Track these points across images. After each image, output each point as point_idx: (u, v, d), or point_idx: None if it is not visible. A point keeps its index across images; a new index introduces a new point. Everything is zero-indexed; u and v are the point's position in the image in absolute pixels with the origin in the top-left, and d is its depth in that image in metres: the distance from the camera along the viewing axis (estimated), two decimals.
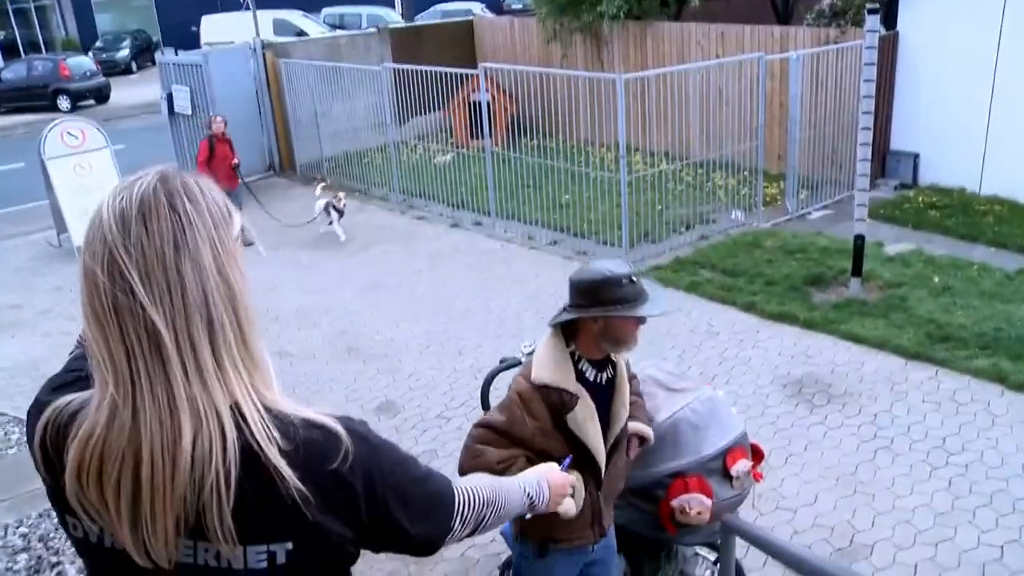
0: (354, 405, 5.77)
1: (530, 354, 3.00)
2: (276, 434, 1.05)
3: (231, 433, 1.03)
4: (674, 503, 2.82)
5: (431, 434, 5.20)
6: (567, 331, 2.47)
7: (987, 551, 3.80)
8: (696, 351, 6.14)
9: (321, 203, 9.30)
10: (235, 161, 9.37)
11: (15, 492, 4.65)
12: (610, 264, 2.40)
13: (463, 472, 2.45)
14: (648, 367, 3.15)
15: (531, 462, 2.37)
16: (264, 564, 1.08)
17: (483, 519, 1.42)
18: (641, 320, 2.38)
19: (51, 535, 4.26)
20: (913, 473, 4.44)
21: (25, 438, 5.20)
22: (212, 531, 1.03)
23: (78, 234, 10.68)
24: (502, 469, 2.39)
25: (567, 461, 2.06)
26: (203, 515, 1.03)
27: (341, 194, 9.44)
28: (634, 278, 2.35)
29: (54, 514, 1.22)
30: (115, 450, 1.04)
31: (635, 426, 2.67)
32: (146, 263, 1.01)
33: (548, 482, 1.67)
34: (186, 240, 1.02)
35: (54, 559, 4.06)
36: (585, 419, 2.40)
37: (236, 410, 1.04)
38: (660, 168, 9.31)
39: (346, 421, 1.13)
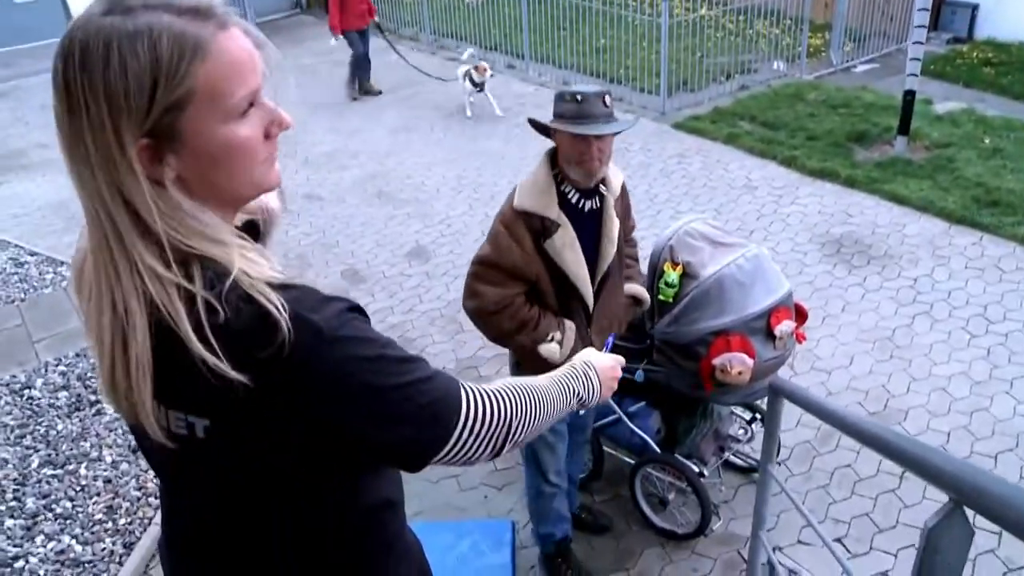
0: (384, 250, 5.80)
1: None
2: (203, 309, 0.95)
3: (137, 303, 0.96)
4: (715, 362, 2.81)
5: (462, 281, 5.17)
6: (554, 153, 2.45)
7: (1022, 422, 3.67)
8: (733, 206, 5.99)
9: (462, 69, 8.14)
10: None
11: (53, 331, 4.65)
12: (581, 85, 2.37)
13: (469, 314, 2.48)
14: (693, 220, 3.02)
15: (529, 300, 2.43)
16: (184, 432, 1.03)
17: (512, 432, 1.18)
18: (584, 140, 2.30)
19: (88, 374, 4.28)
20: (951, 340, 4.30)
21: (59, 278, 5.25)
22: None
23: None
24: (498, 311, 2.42)
25: (610, 341, 2.02)
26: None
27: (483, 64, 8.04)
28: (580, 97, 2.29)
29: (91, 354, 1.12)
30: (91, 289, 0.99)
31: (629, 287, 2.68)
32: (60, 133, 0.94)
33: (596, 370, 1.44)
34: (68, 131, 0.94)
35: (92, 397, 4.06)
36: (564, 246, 2.39)
37: (153, 276, 0.95)
38: (701, 14, 8.90)
39: (304, 304, 0.97)
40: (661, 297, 2.91)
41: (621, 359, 1.56)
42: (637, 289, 2.72)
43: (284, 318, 0.94)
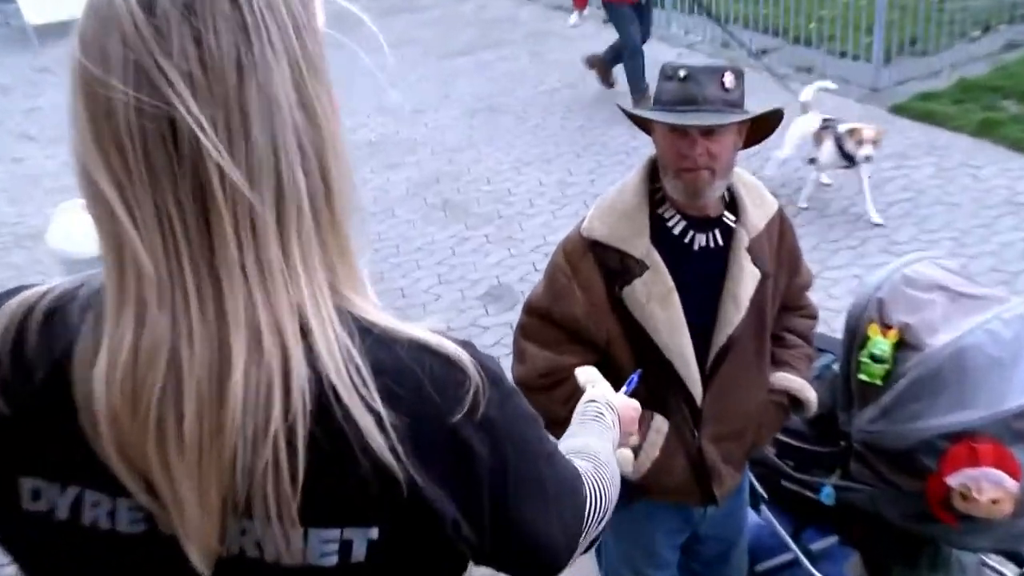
0: (450, 289, 6.12)
1: None
2: (366, 368, 1.06)
3: (298, 366, 1.03)
4: (953, 481, 2.76)
5: None
6: (655, 167, 2.49)
7: None
8: (986, 234, 5.96)
9: (808, 124, 6.53)
10: None
11: None
12: (690, 59, 2.43)
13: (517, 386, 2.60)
14: (918, 260, 3.01)
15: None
16: (334, 558, 1.08)
17: (606, 517, 1.45)
18: (683, 136, 2.31)
19: None
20: None
21: None
22: (262, 505, 1.04)
23: (32, 7, 10.99)
24: (546, 387, 2.46)
25: (633, 381, 2.05)
26: (252, 485, 1.04)
27: (869, 130, 6.20)
28: (683, 73, 2.32)
29: None
30: (149, 379, 1.01)
31: (782, 379, 2.68)
32: (196, 87, 0.99)
33: (620, 419, 1.77)
34: (252, 56, 1.01)
35: None
36: (652, 299, 2.41)
37: (308, 329, 1.05)
38: None
39: (469, 348, 1.14)
40: (864, 377, 2.86)
41: (637, 405, 1.73)
42: (793, 383, 2.68)
43: (469, 363, 1.10)
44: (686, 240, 2.44)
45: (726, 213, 2.46)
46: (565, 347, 2.46)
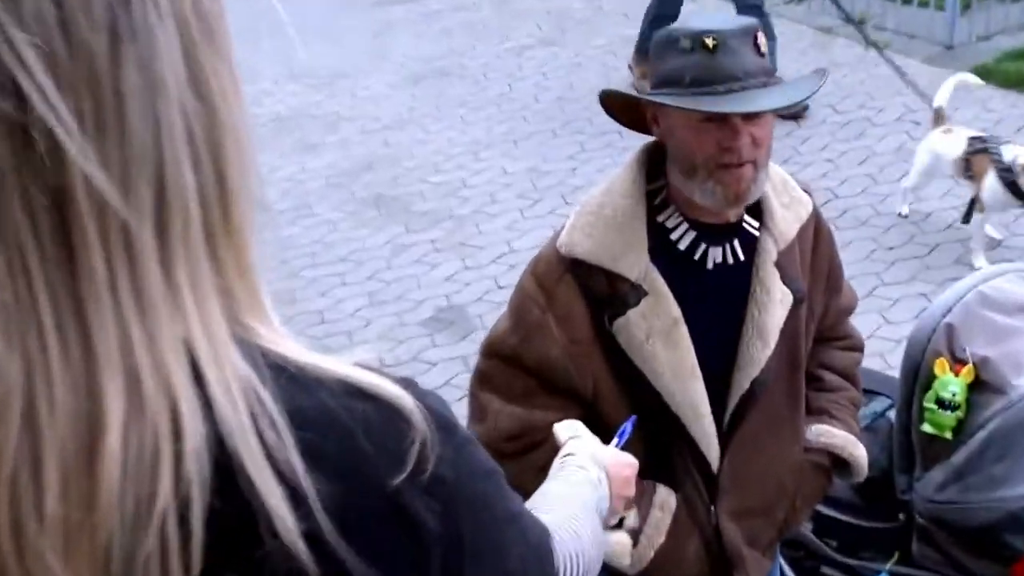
0: (385, 312, 6.09)
1: None
2: (281, 419, 1.05)
3: (192, 421, 1.02)
4: None
5: None
6: (658, 155, 2.51)
7: None
8: None
9: (954, 142, 5.98)
10: None
11: None
12: (705, 16, 2.47)
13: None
14: (1000, 275, 3.08)
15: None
16: None
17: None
18: (723, 124, 2.32)
19: None
20: None
21: None
22: None
23: None
24: (517, 452, 2.48)
25: (626, 431, 2.08)
26: (134, 566, 1.03)
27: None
28: (710, 40, 2.32)
29: None
30: None
31: (822, 433, 2.71)
32: (56, 64, 0.98)
33: (608, 476, 1.82)
34: (130, 18, 1.01)
35: None
36: (652, 334, 2.45)
37: (201, 372, 1.04)
38: None
39: (411, 388, 1.15)
40: (929, 429, 2.87)
41: (633, 461, 1.76)
42: (836, 437, 2.70)
43: (412, 407, 1.10)
44: (696, 256, 2.46)
45: (747, 218, 2.49)
46: (538, 400, 2.47)
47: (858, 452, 2.71)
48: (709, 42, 2.30)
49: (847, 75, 7.87)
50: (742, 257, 2.48)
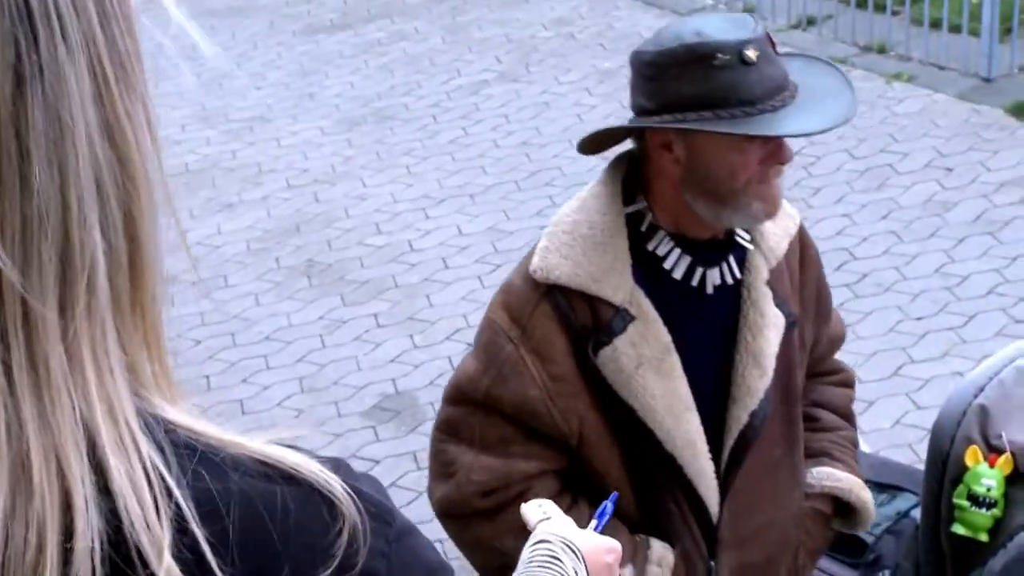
0: (319, 400, 6.13)
1: None
2: (189, 509, 1.07)
3: (85, 515, 1.03)
4: None
5: None
6: (631, 175, 2.60)
7: None
8: None
9: None
10: None
11: None
12: (711, 22, 2.54)
13: (439, 515, 2.70)
14: None
15: (568, 491, 2.55)
16: None
17: None
18: (770, 146, 2.45)
19: None
20: None
21: None
22: None
23: None
24: (492, 509, 2.55)
25: (606, 511, 2.12)
26: None
27: None
28: (748, 54, 2.42)
29: None
30: None
31: (824, 476, 2.81)
32: None
33: (584, 562, 1.81)
34: (37, 55, 1.03)
35: None
36: (642, 364, 2.52)
37: (102, 458, 1.05)
38: None
39: (341, 469, 1.17)
40: (960, 530, 2.85)
41: (616, 546, 1.78)
42: (840, 481, 2.80)
43: (341, 493, 1.12)
44: (695, 282, 2.57)
45: (739, 231, 2.59)
46: (516, 448, 2.53)
47: (865, 496, 2.81)
48: (751, 55, 2.39)
49: (865, 113, 7.86)
50: (739, 274, 2.60)
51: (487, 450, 2.54)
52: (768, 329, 2.58)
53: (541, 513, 1.95)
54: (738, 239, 2.58)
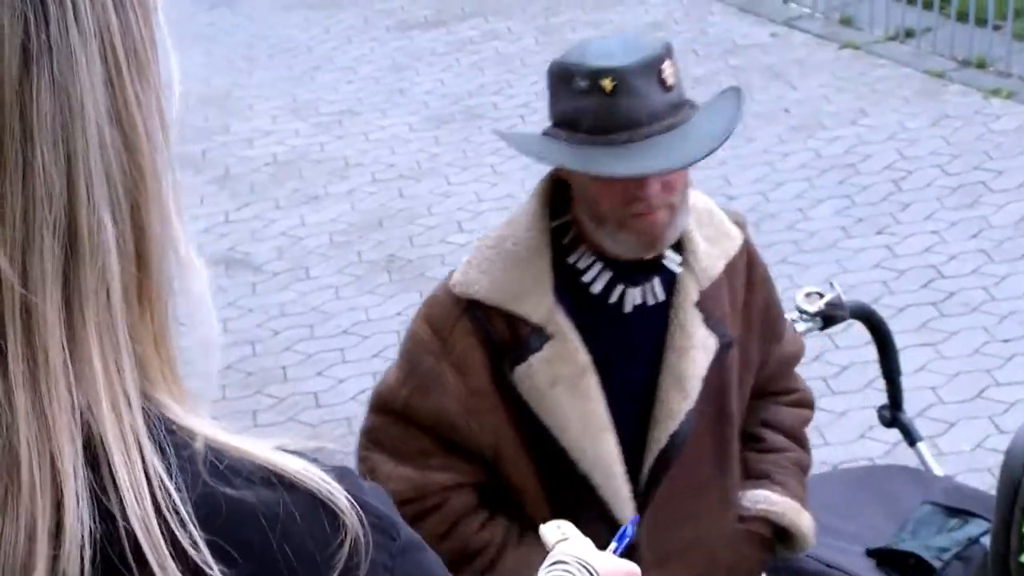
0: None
1: (815, 314, 3.45)
2: (188, 514, 1.05)
3: (76, 512, 1.02)
4: None
5: None
6: (560, 188, 2.64)
7: None
8: None
9: None
10: None
11: None
12: (604, 44, 2.57)
13: None
14: None
15: (486, 505, 2.58)
16: None
17: None
18: (629, 181, 2.46)
19: None
20: None
21: None
22: None
23: None
24: (404, 518, 2.54)
25: (627, 533, 2.11)
26: None
27: None
28: (608, 80, 2.42)
29: None
30: None
31: (759, 499, 2.82)
32: None
33: None
34: (46, 35, 1.01)
35: None
36: (557, 383, 2.55)
37: (103, 454, 1.04)
38: None
39: (346, 479, 1.15)
40: None
41: (637, 570, 1.78)
42: (776, 505, 2.80)
43: (345, 503, 1.10)
44: (612, 299, 2.59)
45: (668, 253, 2.59)
46: (434, 460, 2.55)
47: (801, 521, 2.81)
48: (607, 84, 2.39)
49: (960, 129, 7.87)
50: (662, 297, 2.61)
51: (405, 461, 2.57)
52: (694, 351, 2.60)
53: (559, 534, 1.95)
54: (665, 263, 2.59)
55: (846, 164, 7.72)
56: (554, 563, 1.85)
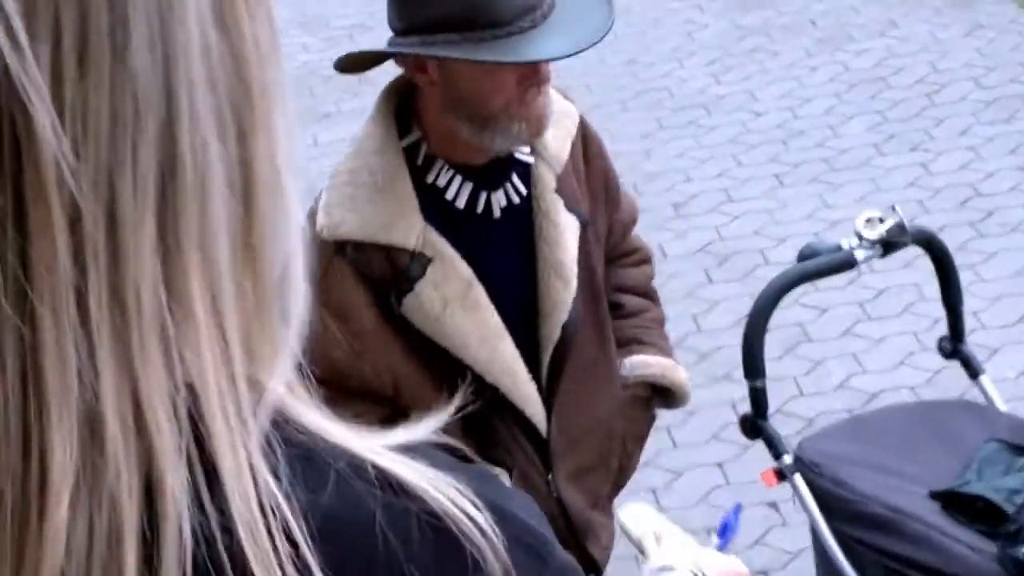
0: None
1: (876, 240, 3.40)
2: (298, 525, 0.96)
3: (174, 499, 0.92)
4: None
5: None
6: (403, 104, 2.70)
7: None
8: None
9: None
10: None
11: None
12: None
13: None
14: None
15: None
16: None
17: None
18: (521, 68, 2.54)
19: None
20: None
21: None
22: None
23: None
24: None
25: (728, 524, 2.19)
26: None
27: None
28: None
29: None
30: None
31: (637, 364, 2.96)
32: None
33: None
34: None
35: None
36: (449, 303, 2.61)
37: (204, 432, 0.95)
38: None
39: (488, 486, 1.07)
40: None
41: (746, 571, 1.87)
42: (652, 366, 2.96)
43: (481, 520, 1.00)
44: (479, 209, 2.65)
45: (513, 151, 2.67)
46: (335, 410, 2.60)
47: (677, 377, 2.98)
48: None
49: (994, 40, 7.89)
50: (524, 192, 2.69)
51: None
52: (564, 237, 2.68)
53: (652, 523, 1.98)
54: (518, 156, 2.68)
55: (876, 78, 7.74)
56: (661, 569, 1.87)
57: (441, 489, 1.00)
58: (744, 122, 7.49)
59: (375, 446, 1.03)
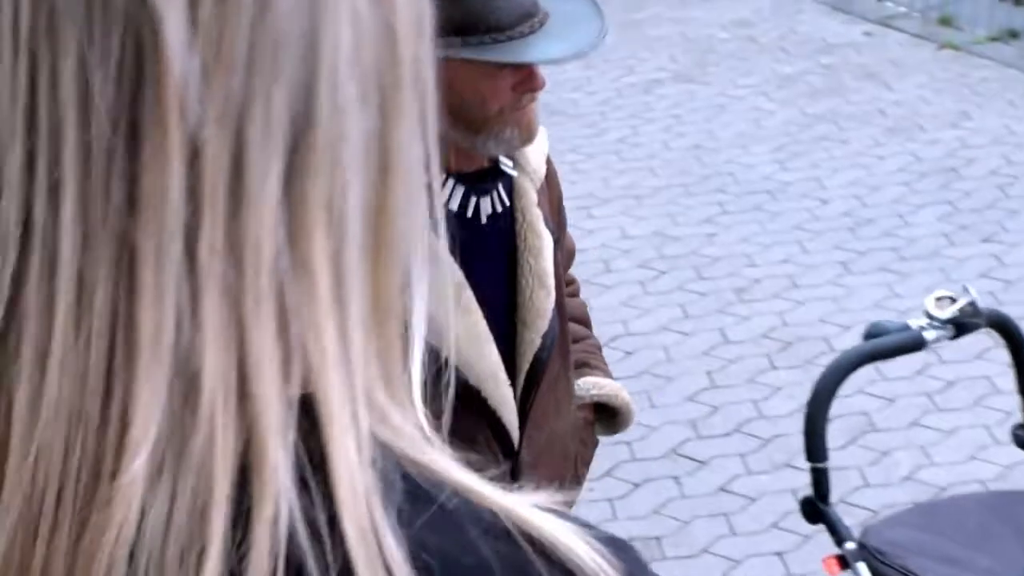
0: None
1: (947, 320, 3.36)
2: (400, 563, 0.89)
3: (276, 481, 0.87)
4: None
5: None
6: None
7: None
8: None
9: None
10: None
11: None
12: None
13: None
14: None
15: None
16: None
17: None
18: (522, 72, 2.57)
19: None
20: None
21: None
22: None
23: None
24: None
25: None
26: None
27: None
28: None
29: None
30: None
31: (591, 385, 3.04)
32: None
33: None
34: None
35: None
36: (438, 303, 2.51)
37: (325, 445, 0.89)
38: None
39: (618, 550, 0.98)
40: None
41: None
42: (604, 388, 3.02)
43: None
44: (469, 213, 2.69)
45: (502, 158, 2.73)
46: None
47: (626, 399, 3.05)
48: None
49: None
50: (508, 202, 2.74)
51: None
52: (546, 249, 2.76)
53: None
54: (502, 167, 2.73)
55: (948, 168, 7.72)
56: None
57: (577, 544, 0.92)
58: (810, 209, 7.44)
59: (506, 497, 0.94)
